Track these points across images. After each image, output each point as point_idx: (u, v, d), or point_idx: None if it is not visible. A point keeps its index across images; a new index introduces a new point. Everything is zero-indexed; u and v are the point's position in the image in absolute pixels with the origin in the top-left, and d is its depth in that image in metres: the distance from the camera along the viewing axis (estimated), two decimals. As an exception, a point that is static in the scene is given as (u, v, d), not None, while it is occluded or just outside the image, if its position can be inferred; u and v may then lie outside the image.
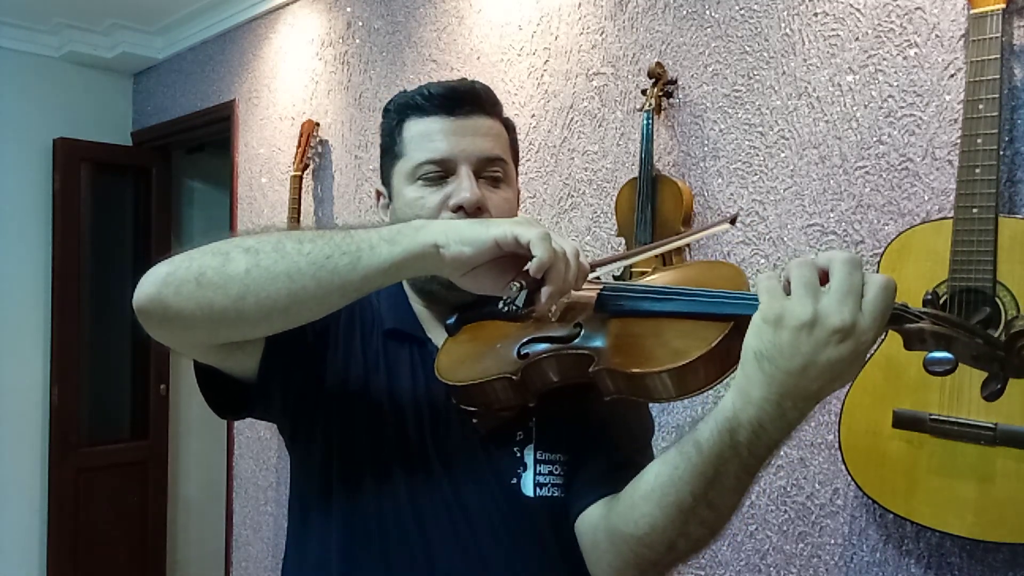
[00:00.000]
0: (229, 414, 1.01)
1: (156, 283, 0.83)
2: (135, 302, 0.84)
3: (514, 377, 0.88)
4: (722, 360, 0.77)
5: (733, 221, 0.97)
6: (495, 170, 1.00)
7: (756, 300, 0.72)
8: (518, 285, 0.79)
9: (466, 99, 1.00)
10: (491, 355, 0.92)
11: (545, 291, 0.80)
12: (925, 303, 0.72)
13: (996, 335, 0.71)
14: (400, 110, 1.03)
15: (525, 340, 0.90)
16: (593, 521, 0.91)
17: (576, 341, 0.87)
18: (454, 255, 0.81)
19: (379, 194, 1.09)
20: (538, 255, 0.79)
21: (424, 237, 0.82)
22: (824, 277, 0.70)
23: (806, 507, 1.76)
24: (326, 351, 0.99)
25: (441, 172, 0.99)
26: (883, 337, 1.49)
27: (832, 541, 1.71)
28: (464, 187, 0.97)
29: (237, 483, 3.59)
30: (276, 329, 0.88)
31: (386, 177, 1.06)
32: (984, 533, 1.39)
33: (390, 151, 1.04)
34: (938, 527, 1.44)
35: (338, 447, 0.98)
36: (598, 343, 0.85)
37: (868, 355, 1.52)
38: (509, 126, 1.06)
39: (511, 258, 0.82)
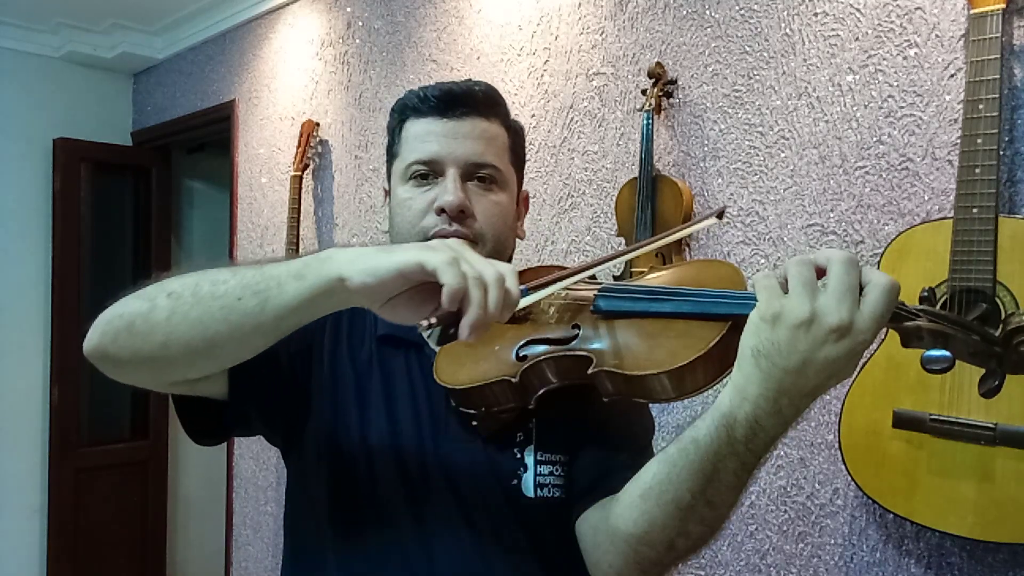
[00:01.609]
0: (208, 440, 1.00)
1: (97, 332, 0.84)
2: (84, 350, 0.85)
3: (513, 379, 0.87)
4: (721, 360, 0.77)
5: (720, 215, 0.95)
6: (485, 173, 0.99)
7: (754, 300, 0.72)
8: (429, 322, 0.72)
9: (461, 101, 0.99)
10: (490, 357, 0.92)
11: (464, 322, 0.72)
12: (922, 300, 0.72)
13: (994, 332, 0.70)
14: (401, 110, 1.04)
15: (523, 342, 0.90)
16: (593, 522, 0.91)
17: (574, 343, 0.87)
18: (358, 287, 0.74)
19: (386, 192, 1.10)
20: (447, 283, 0.71)
21: (328, 270, 0.76)
22: (822, 275, 0.70)
23: (806, 507, 1.76)
24: (311, 367, 0.99)
25: (430, 173, 0.98)
26: (883, 336, 1.49)
27: (832, 541, 1.71)
28: (448, 190, 0.96)
29: (237, 483, 3.59)
30: (210, 370, 0.86)
31: (388, 176, 1.07)
32: (984, 533, 1.39)
33: (390, 150, 1.06)
34: (938, 527, 1.44)
35: (332, 456, 0.97)
36: (596, 345, 0.85)
37: (867, 353, 1.52)
38: (512, 128, 1.05)
39: (432, 285, 0.73)
